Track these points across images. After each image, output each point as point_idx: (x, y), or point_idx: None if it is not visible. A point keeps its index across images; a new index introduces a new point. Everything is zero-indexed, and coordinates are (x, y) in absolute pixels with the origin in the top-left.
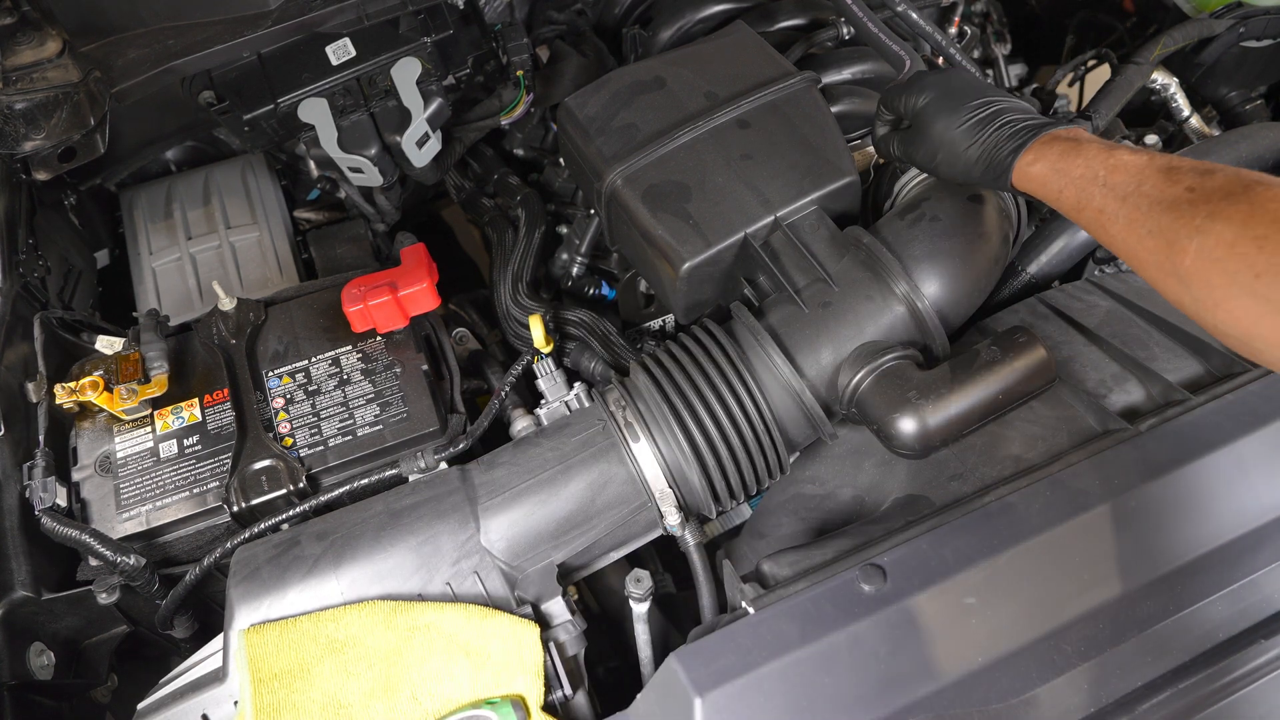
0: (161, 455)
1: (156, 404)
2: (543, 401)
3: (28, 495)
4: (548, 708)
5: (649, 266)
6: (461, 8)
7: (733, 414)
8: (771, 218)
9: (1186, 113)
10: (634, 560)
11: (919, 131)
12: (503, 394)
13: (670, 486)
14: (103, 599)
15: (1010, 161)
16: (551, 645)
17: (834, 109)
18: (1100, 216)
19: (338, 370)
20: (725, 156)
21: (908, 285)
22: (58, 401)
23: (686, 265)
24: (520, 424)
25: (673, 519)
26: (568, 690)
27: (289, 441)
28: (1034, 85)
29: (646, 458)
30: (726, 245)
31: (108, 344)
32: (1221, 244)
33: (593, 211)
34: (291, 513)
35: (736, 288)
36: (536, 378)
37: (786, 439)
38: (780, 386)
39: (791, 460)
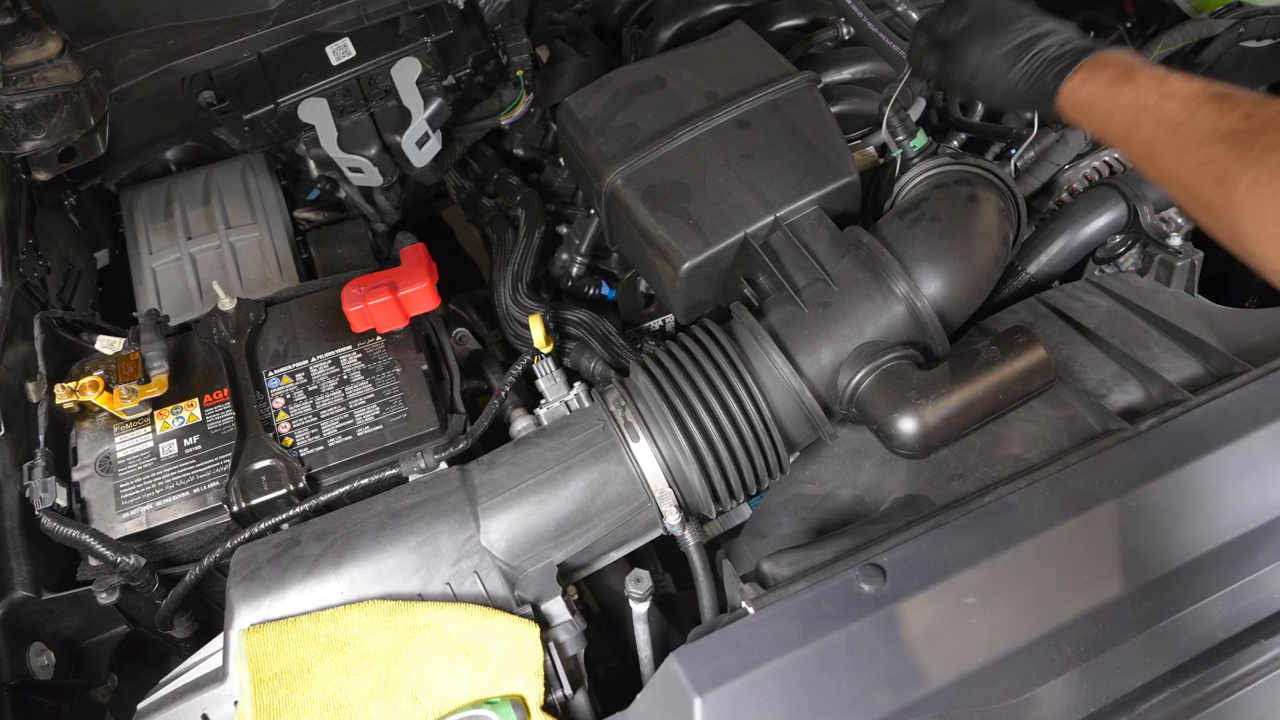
0: (161, 455)
1: (156, 404)
2: (543, 401)
3: (28, 495)
4: (548, 708)
5: (649, 266)
6: (461, 8)
7: (732, 414)
8: (771, 218)
9: None
10: (634, 560)
11: (959, 51)
12: (502, 394)
13: (670, 486)
14: (103, 599)
15: (1056, 85)
16: (551, 645)
17: (834, 109)
18: (1149, 147)
19: (338, 370)
20: (725, 156)
21: (907, 285)
22: (58, 401)
23: (686, 265)
24: (520, 424)
25: (673, 518)
26: (568, 690)
27: (289, 441)
28: None
29: (646, 457)
30: (726, 245)
31: (108, 344)
32: (1278, 176)
33: (593, 211)
34: (291, 513)
35: (736, 288)
36: (536, 378)
37: (786, 439)
38: (780, 386)
39: (791, 460)
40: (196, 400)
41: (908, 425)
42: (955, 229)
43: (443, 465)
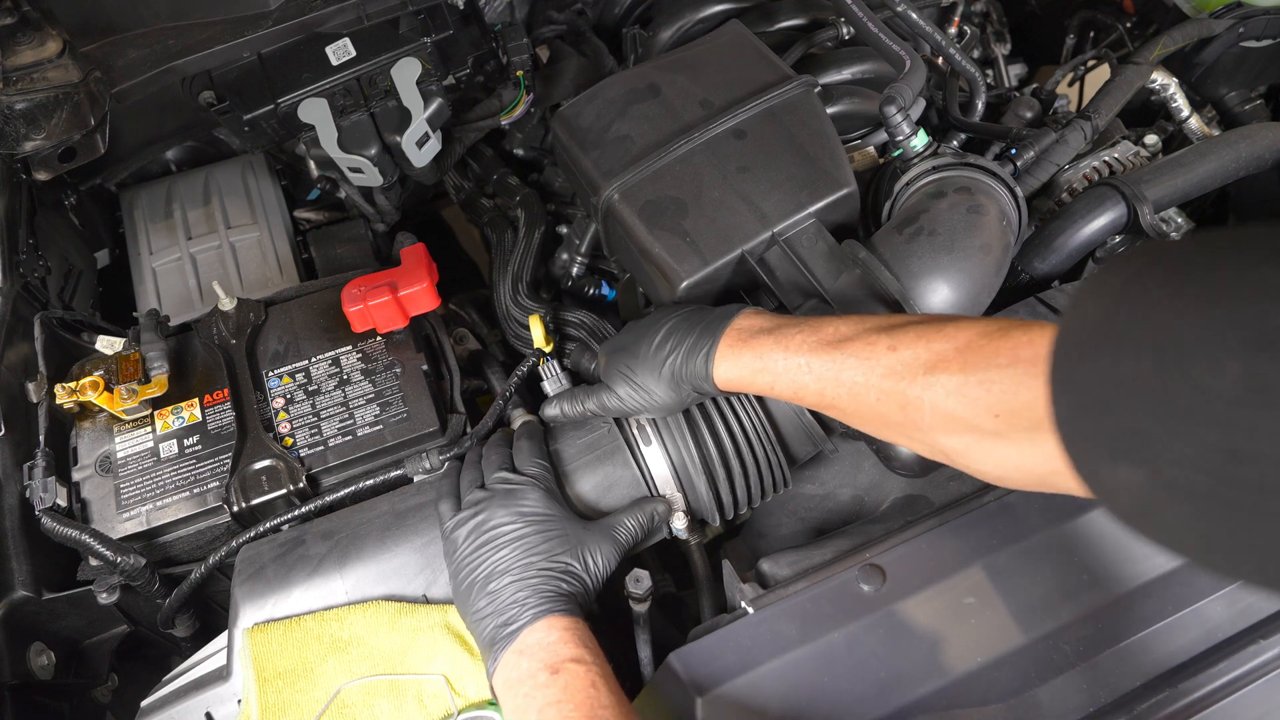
0: (162, 455)
1: (157, 404)
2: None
3: (28, 495)
4: None
5: (647, 280)
6: (461, 8)
7: (732, 430)
8: (769, 233)
9: (1186, 113)
10: (634, 560)
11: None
12: (507, 395)
13: (678, 491)
14: (103, 599)
15: (706, 371)
16: None
17: (833, 109)
18: (821, 399)
19: (338, 370)
20: (721, 170)
21: (905, 305)
22: (58, 401)
23: (684, 284)
24: (520, 422)
25: (679, 523)
26: None
27: (289, 441)
28: (1034, 85)
29: (657, 461)
30: (724, 263)
31: (108, 344)
32: (951, 396)
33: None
34: (297, 512)
35: (737, 301)
36: (542, 379)
37: (788, 454)
38: (781, 405)
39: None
40: (196, 400)
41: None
42: (955, 243)
43: (447, 466)
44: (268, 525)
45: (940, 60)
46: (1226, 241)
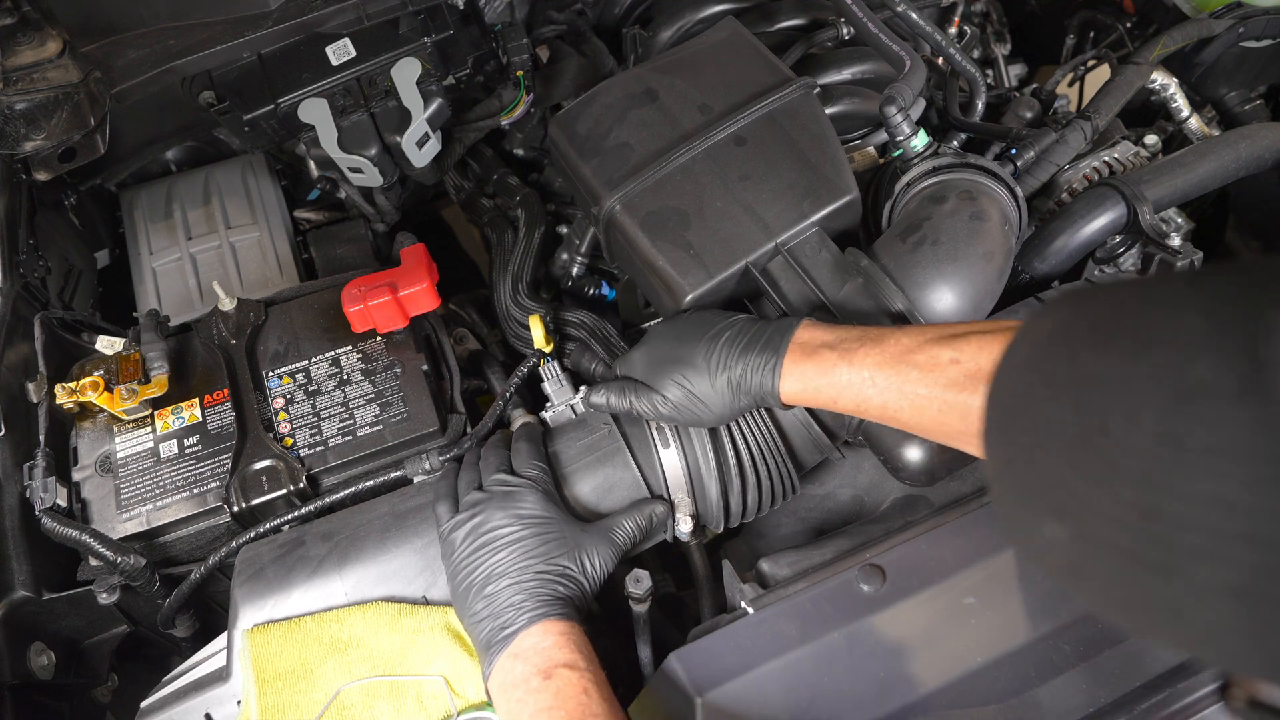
0: (162, 455)
1: (157, 404)
2: (548, 405)
3: (28, 495)
4: None
5: (651, 289)
6: (461, 8)
7: (747, 439)
8: (772, 244)
9: (1186, 113)
10: (634, 560)
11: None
12: (507, 395)
13: (689, 495)
14: (103, 599)
15: (772, 387)
16: None
17: (833, 109)
18: (885, 411)
19: (338, 370)
20: (723, 179)
21: (909, 315)
22: (58, 401)
23: (689, 297)
24: (520, 423)
25: (685, 526)
26: None
27: (289, 441)
28: (1034, 85)
29: (672, 463)
30: (728, 275)
31: (108, 344)
32: None
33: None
34: (297, 513)
35: (741, 310)
36: (542, 380)
37: (795, 461)
38: (788, 415)
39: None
40: (197, 400)
41: (914, 454)
42: (958, 252)
43: (446, 467)
44: (268, 526)
45: (940, 60)
46: (1161, 286)
